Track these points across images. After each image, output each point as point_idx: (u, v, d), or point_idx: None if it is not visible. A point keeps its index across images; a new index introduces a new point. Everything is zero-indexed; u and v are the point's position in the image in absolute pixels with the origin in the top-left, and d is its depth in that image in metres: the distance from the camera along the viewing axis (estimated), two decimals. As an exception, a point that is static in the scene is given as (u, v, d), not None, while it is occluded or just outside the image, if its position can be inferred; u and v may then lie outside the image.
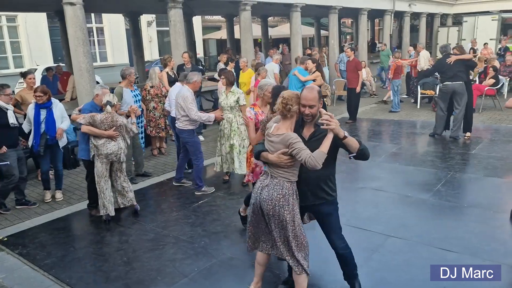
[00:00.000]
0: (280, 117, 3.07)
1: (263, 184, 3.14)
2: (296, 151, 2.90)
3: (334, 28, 14.72)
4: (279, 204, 3.05)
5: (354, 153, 3.03)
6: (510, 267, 3.79)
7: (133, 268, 4.14)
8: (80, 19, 7.44)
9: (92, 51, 19.81)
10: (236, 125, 5.97)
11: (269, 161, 3.06)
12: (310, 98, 2.98)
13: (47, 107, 5.67)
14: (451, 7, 22.80)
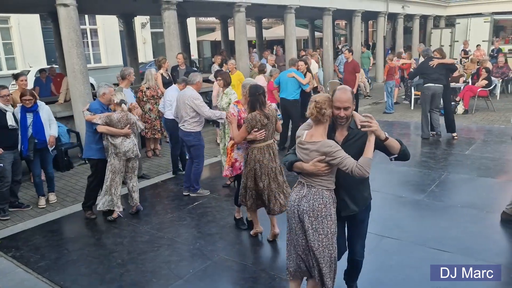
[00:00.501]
0: (312, 122, 2.87)
1: (300, 195, 2.94)
2: (338, 160, 2.73)
3: (328, 29, 14.77)
4: (322, 214, 2.86)
5: (396, 155, 2.87)
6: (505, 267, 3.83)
7: (127, 270, 4.13)
8: (74, 20, 7.40)
9: (86, 52, 19.72)
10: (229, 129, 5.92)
11: (304, 171, 2.87)
12: (345, 100, 2.80)
13: (33, 111, 5.56)
14: (444, 9, 22.96)
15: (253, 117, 4.17)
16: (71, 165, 7.40)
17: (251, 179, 4.30)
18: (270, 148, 4.32)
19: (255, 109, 4.20)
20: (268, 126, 4.25)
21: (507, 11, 20.98)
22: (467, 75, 12.17)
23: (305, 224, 2.89)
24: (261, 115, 4.18)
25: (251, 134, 4.20)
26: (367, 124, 2.70)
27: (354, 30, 16.70)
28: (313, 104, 2.79)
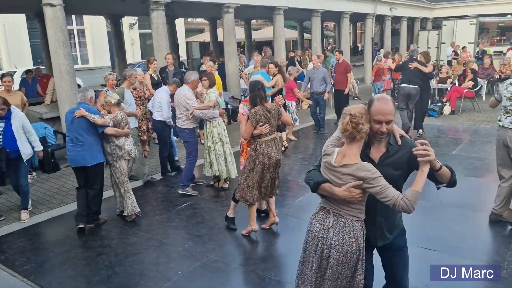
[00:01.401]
0: (344, 139, 2.42)
1: (325, 225, 2.49)
2: (378, 189, 2.30)
3: (316, 31, 14.84)
4: (352, 249, 2.43)
5: (445, 184, 2.44)
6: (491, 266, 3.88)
7: (115, 272, 4.08)
8: (60, 20, 7.32)
9: (73, 53, 19.56)
10: (209, 128, 5.93)
11: (334, 195, 2.41)
12: (388, 112, 2.36)
13: (6, 118, 5.10)
14: (431, 11, 23.24)
15: (256, 111, 4.31)
16: (57, 167, 7.33)
17: (259, 173, 4.42)
18: (275, 141, 4.51)
19: (256, 104, 4.37)
20: (271, 120, 4.38)
21: (493, 14, 21.33)
22: (454, 77, 12.32)
23: (330, 260, 2.47)
24: (263, 109, 4.33)
25: (256, 129, 4.33)
26: (425, 153, 2.27)
27: (343, 31, 16.80)
28: (347, 118, 2.33)
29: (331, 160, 2.42)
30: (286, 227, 4.94)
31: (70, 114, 4.88)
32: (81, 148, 4.81)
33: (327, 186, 2.43)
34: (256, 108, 4.33)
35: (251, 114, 4.33)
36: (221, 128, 5.92)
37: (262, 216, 5.11)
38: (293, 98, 8.86)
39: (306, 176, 2.60)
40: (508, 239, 4.40)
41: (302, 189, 6.10)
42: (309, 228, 2.60)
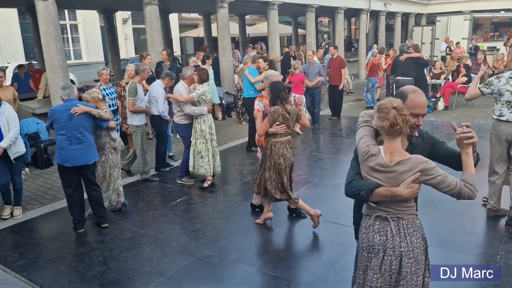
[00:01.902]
0: (385, 135, 2.24)
1: (388, 234, 2.27)
2: (439, 178, 2.17)
3: (311, 26, 14.82)
4: (421, 251, 2.30)
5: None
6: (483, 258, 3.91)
7: (109, 268, 4.07)
8: (53, 14, 7.25)
9: (66, 48, 19.37)
10: (194, 124, 5.92)
11: (395, 197, 2.22)
12: (424, 105, 2.31)
13: None
14: (425, 7, 23.29)
15: (275, 110, 4.33)
16: (50, 163, 7.28)
17: (275, 172, 4.43)
18: (290, 143, 4.51)
19: (276, 104, 4.37)
20: (289, 121, 4.39)
21: (486, 9, 21.41)
22: (447, 72, 12.37)
23: (402, 270, 2.26)
24: (283, 109, 4.34)
25: (272, 127, 4.34)
26: (471, 135, 2.22)
27: (337, 27, 16.79)
28: (394, 112, 2.14)
29: (381, 161, 2.22)
30: (279, 222, 4.95)
31: (66, 111, 4.59)
32: (81, 146, 4.62)
33: (383, 190, 2.21)
34: (276, 107, 4.34)
35: (270, 112, 4.35)
36: (205, 125, 5.85)
37: (256, 211, 5.12)
38: (302, 92, 8.85)
39: (348, 188, 2.33)
40: (501, 233, 4.44)
41: (295, 184, 6.10)
42: (367, 244, 2.33)
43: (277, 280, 3.76)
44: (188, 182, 6.13)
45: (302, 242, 4.59)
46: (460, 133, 2.23)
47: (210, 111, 6.01)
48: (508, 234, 4.40)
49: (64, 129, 4.60)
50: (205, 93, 5.79)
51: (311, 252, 4.44)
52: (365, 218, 2.38)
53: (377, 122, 2.21)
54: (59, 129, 4.63)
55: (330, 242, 4.45)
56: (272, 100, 4.41)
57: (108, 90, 6.95)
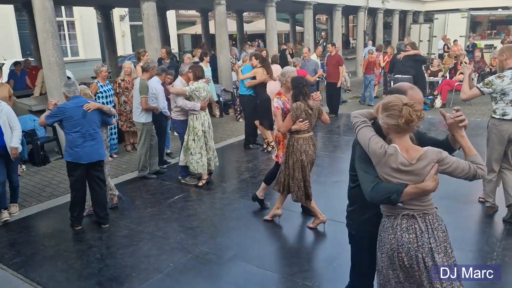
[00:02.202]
0: (395, 133, 2.19)
1: (417, 231, 2.23)
2: (455, 166, 2.18)
3: (309, 23, 14.79)
4: (447, 243, 2.31)
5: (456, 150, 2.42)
6: (480, 255, 3.93)
7: (106, 265, 4.06)
8: (49, 11, 7.20)
9: (63, 45, 19.31)
10: (188, 120, 5.93)
11: (423, 193, 2.19)
12: (422, 101, 2.39)
13: None
14: (423, 4, 23.28)
15: (298, 106, 4.26)
16: (47, 160, 7.26)
17: (298, 169, 4.38)
18: (312, 140, 4.44)
19: (298, 100, 4.30)
20: (311, 117, 4.33)
21: (484, 7, 21.43)
22: (445, 70, 12.38)
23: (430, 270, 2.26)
24: (305, 105, 4.28)
25: (296, 124, 4.28)
26: (463, 117, 2.27)
27: (335, 24, 16.76)
28: (408, 109, 2.11)
29: (403, 159, 2.16)
30: (278, 219, 4.95)
31: (78, 108, 4.55)
32: (94, 142, 4.65)
33: (411, 188, 2.16)
34: (298, 103, 4.27)
35: (292, 108, 4.28)
36: (198, 122, 5.81)
37: (256, 208, 5.11)
38: None
39: (374, 195, 2.22)
40: (498, 230, 4.45)
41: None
42: (396, 244, 2.25)
43: (275, 277, 3.76)
44: (191, 181, 6.08)
45: (300, 239, 4.60)
46: (454, 117, 2.27)
47: (204, 108, 5.90)
48: (504, 231, 4.42)
49: (79, 126, 4.55)
50: (198, 89, 5.75)
51: (310, 249, 4.44)
52: (388, 218, 2.30)
53: (387, 120, 2.15)
54: (73, 126, 4.55)
55: (329, 240, 4.46)
56: (294, 96, 4.34)
57: (105, 87, 6.93)
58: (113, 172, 6.61)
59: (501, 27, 22.26)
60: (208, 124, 5.95)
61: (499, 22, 22.82)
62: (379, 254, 2.37)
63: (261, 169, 6.73)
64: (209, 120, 5.98)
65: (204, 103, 5.87)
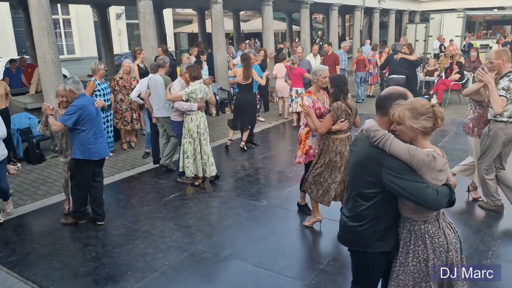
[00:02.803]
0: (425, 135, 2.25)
1: (452, 228, 2.39)
2: None
3: (305, 23, 14.80)
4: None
5: None
6: (473, 256, 3.95)
7: (102, 263, 4.05)
8: (45, 8, 7.17)
9: (59, 43, 19.18)
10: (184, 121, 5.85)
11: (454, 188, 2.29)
12: None
13: None
14: (419, 4, 23.36)
15: (338, 106, 4.10)
16: (43, 158, 7.23)
17: (328, 170, 4.24)
18: (349, 140, 4.24)
19: (339, 99, 4.14)
20: (350, 117, 4.20)
21: (479, 7, 21.51)
22: (441, 69, 12.43)
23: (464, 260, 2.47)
24: (346, 105, 4.14)
25: (337, 124, 4.13)
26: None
27: (331, 24, 16.79)
28: (439, 110, 2.20)
29: (444, 159, 2.23)
30: (273, 218, 4.96)
31: (91, 105, 4.61)
32: (103, 139, 4.80)
33: (452, 186, 2.25)
34: (339, 103, 4.10)
35: (333, 108, 4.10)
36: (193, 124, 5.71)
37: (260, 206, 5.12)
38: (301, 85, 8.91)
39: (441, 199, 2.17)
40: (493, 229, 4.47)
41: (289, 180, 6.12)
42: (447, 244, 2.31)
43: (271, 275, 3.76)
44: (188, 180, 6.06)
45: (296, 237, 4.60)
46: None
47: (202, 108, 5.80)
48: (500, 229, 4.45)
49: (93, 124, 4.60)
50: (195, 91, 5.63)
51: (306, 248, 4.45)
52: (430, 224, 2.31)
53: (425, 124, 2.18)
54: (88, 124, 4.55)
55: (325, 238, 4.47)
56: (335, 95, 4.16)
57: (102, 85, 6.91)
58: (109, 170, 6.60)
59: (497, 27, 22.36)
60: (204, 126, 5.80)
61: (495, 22, 22.93)
62: (431, 263, 2.33)
63: (257, 167, 6.74)
64: (205, 122, 5.83)
65: (201, 103, 5.77)
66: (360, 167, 2.35)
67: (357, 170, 2.38)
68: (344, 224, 2.52)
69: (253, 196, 5.54)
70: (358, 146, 2.40)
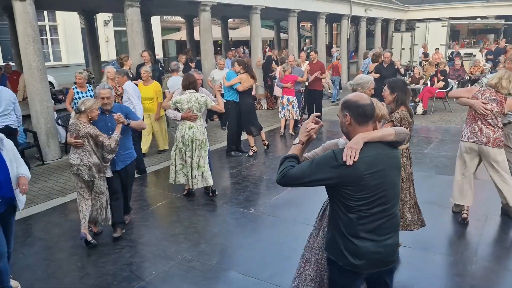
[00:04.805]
0: None
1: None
2: None
3: (293, 31, 14.91)
4: None
5: None
6: (461, 260, 3.99)
7: (87, 273, 3.99)
8: (31, 15, 7.11)
9: (45, 50, 19.03)
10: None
11: None
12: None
13: None
14: (405, 13, 23.72)
15: (402, 116, 3.68)
16: (28, 166, 7.10)
17: None
18: (409, 151, 3.98)
19: (405, 103, 3.74)
20: (411, 125, 3.80)
21: (463, 17, 21.93)
22: (426, 77, 12.61)
23: None
24: (409, 112, 3.76)
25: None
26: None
27: (319, 32, 16.95)
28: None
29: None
30: (261, 225, 4.95)
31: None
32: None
33: None
34: (403, 113, 3.68)
35: (396, 119, 3.65)
36: (179, 134, 5.52)
37: (239, 214, 5.09)
38: (293, 93, 9.06)
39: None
40: (478, 234, 4.52)
41: (277, 187, 6.11)
42: None
43: (259, 283, 3.75)
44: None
45: (285, 245, 4.59)
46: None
47: (188, 119, 5.49)
48: (486, 235, 4.50)
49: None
50: (180, 101, 5.45)
51: (293, 256, 4.42)
52: None
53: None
54: (121, 132, 4.50)
55: (311, 245, 4.46)
56: (400, 100, 3.72)
57: (84, 94, 6.89)
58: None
59: (480, 36, 22.79)
60: (191, 137, 5.48)
61: (478, 31, 23.37)
62: None
63: (245, 175, 6.73)
64: (193, 135, 5.48)
65: (187, 114, 5.47)
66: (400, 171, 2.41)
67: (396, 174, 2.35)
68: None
69: (241, 204, 5.53)
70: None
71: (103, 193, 4.53)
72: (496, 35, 21.49)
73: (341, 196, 2.19)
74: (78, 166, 4.31)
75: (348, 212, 2.19)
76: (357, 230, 2.20)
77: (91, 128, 4.30)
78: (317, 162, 2.18)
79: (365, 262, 2.22)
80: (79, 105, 4.29)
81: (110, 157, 4.43)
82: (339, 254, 2.26)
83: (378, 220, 2.21)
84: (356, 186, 2.14)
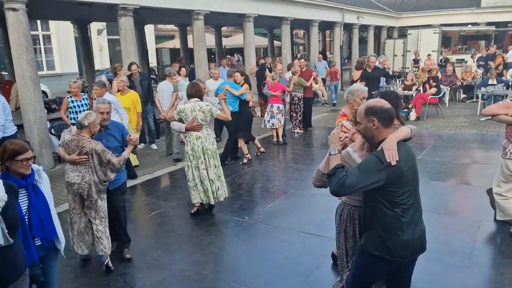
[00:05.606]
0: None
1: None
2: None
3: (286, 38, 15.00)
4: None
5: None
6: (455, 266, 4.01)
7: (81, 284, 3.97)
8: (24, 25, 7.11)
9: (39, 59, 19.02)
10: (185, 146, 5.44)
11: None
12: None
13: (29, 184, 2.81)
14: (397, 20, 23.95)
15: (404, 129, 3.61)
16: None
17: None
18: None
19: (397, 117, 3.48)
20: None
21: (454, 23, 22.19)
22: (419, 83, 12.73)
23: None
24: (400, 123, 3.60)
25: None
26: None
27: (312, 39, 17.06)
28: None
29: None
30: (255, 233, 4.95)
31: None
32: None
33: None
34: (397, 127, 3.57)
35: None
36: (189, 147, 5.23)
37: (227, 220, 5.08)
38: (281, 102, 9.14)
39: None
40: (475, 241, 4.54)
41: (271, 195, 6.13)
42: None
43: (252, 292, 3.73)
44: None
45: (278, 253, 4.59)
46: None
47: (193, 129, 5.21)
48: (479, 241, 4.52)
49: None
50: (184, 111, 5.21)
51: (287, 264, 4.43)
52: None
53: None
54: None
55: (306, 254, 4.47)
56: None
57: (78, 102, 6.89)
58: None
59: (471, 42, 23.04)
60: (201, 148, 5.21)
61: (469, 38, 23.63)
62: None
63: (239, 183, 6.73)
64: (203, 145, 5.21)
65: (191, 124, 5.19)
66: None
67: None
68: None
69: (235, 212, 5.52)
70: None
71: (105, 218, 4.15)
72: (487, 41, 21.74)
73: (385, 195, 2.43)
74: (79, 184, 3.96)
75: (393, 208, 2.45)
76: (402, 224, 2.47)
77: (97, 144, 3.95)
78: (364, 169, 2.37)
79: (409, 251, 2.56)
80: (82, 119, 3.94)
81: (112, 176, 4.08)
82: (386, 249, 2.50)
83: (415, 209, 2.54)
84: (399, 183, 2.41)
